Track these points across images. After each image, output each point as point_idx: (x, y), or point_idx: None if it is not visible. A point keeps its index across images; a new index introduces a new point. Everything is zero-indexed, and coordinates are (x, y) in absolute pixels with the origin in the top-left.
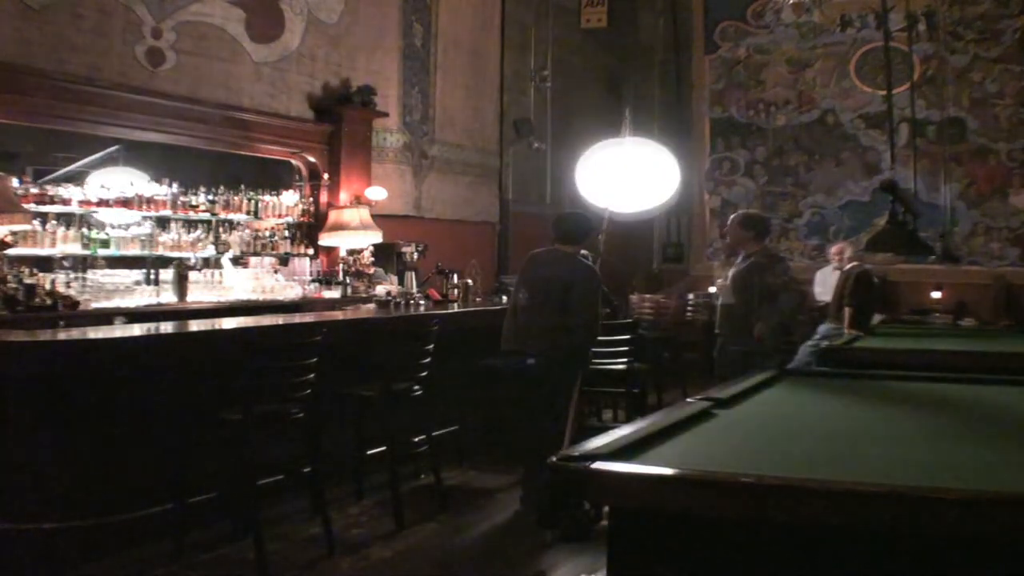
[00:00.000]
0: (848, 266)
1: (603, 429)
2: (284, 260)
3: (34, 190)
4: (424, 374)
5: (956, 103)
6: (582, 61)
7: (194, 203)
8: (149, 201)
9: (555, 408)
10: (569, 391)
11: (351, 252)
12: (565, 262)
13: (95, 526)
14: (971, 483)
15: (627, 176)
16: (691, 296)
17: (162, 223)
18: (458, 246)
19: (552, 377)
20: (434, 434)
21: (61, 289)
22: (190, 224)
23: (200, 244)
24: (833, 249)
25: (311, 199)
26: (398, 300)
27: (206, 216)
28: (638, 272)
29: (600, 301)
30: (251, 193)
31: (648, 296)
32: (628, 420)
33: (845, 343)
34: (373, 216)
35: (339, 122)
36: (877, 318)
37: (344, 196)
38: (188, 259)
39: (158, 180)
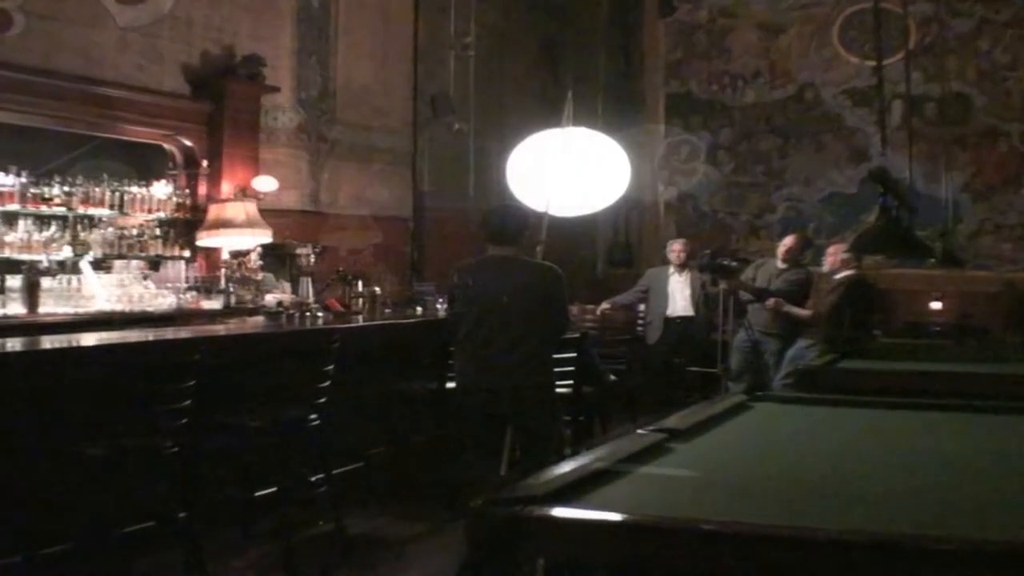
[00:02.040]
0: (844, 273)
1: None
2: (155, 264)
3: None
4: (323, 400)
5: (960, 76)
6: (512, 26)
7: (47, 195)
8: None
9: (553, 438)
10: (560, 415)
11: (235, 254)
12: (521, 266)
13: None
14: (974, 532)
15: (569, 174)
16: (642, 307)
17: (8, 219)
18: (364, 246)
19: (541, 407)
20: (335, 472)
21: None
22: (42, 220)
23: (55, 244)
24: (829, 250)
25: (187, 191)
26: (291, 312)
27: (62, 211)
28: (579, 278)
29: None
30: (116, 184)
31: (590, 307)
32: (573, 454)
33: (829, 361)
34: (262, 211)
35: (221, 99)
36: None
37: (227, 187)
38: (39, 262)
39: (3, 168)
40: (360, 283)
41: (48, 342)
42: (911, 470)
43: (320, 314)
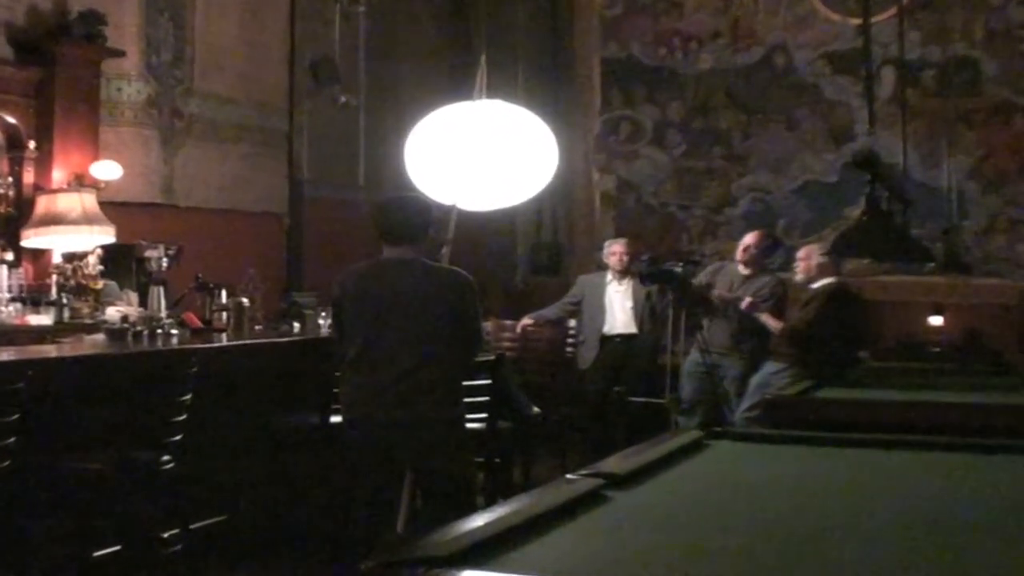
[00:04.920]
0: (820, 282)
1: None
2: None
3: None
4: (178, 438)
5: (966, 36)
6: None
7: None
8: None
9: (462, 484)
10: (471, 455)
11: (69, 257)
12: (423, 272)
13: None
14: None
15: (482, 159)
16: (573, 323)
17: None
18: (229, 248)
19: (448, 447)
20: (193, 526)
21: None
22: None
23: None
24: (800, 254)
25: (10, 179)
26: (139, 328)
27: None
28: (494, 287)
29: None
30: None
31: (508, 324)
32: (487, 504)
33: (804, 390)
34: (102, 204)
35: (51, 65)
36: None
37: (59, 174)
38: None
39: None
40: (224, 293)
41: None
42: (904, 524)
43: (175, 331)
